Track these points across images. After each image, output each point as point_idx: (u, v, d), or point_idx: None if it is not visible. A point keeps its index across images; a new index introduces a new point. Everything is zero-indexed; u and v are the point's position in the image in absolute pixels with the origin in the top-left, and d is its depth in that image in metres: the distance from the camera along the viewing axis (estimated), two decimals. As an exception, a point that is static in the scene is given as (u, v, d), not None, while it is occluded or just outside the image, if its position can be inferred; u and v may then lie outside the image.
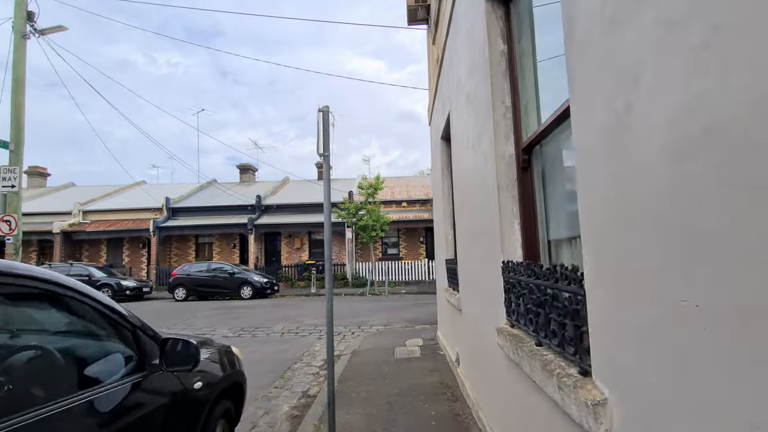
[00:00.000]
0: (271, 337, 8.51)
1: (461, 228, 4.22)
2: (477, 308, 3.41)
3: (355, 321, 9.95)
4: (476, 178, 3.16)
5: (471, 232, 3.55)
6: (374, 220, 16.42)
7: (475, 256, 3.36)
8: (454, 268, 4.84)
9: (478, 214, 3.17)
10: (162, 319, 11.19)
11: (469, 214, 3.63)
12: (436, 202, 6.59)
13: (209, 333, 9.11)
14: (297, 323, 9.92)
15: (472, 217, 3.45)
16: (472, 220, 3.45)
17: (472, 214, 3.44)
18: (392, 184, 24.30)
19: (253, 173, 27.82)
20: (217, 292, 16.02)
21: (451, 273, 5.12)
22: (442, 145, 5.68)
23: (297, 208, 21.16)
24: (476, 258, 3.33)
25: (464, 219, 3.98)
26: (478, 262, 3.27)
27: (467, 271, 3.90)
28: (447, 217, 5.59)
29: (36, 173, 27.20)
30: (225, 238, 21.59)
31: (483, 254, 3.02)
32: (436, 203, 6.60)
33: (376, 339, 7.54)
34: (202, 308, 13.39)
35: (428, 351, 6.13)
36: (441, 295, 6.20)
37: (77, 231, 20.21)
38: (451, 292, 4.89)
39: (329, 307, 3.44)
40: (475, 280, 3.49)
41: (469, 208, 3.65)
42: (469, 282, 3.82)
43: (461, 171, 3.98)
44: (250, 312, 12.24)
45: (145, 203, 21.46)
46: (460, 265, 4.34)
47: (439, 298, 6.74)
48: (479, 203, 3.08)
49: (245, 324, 10.07)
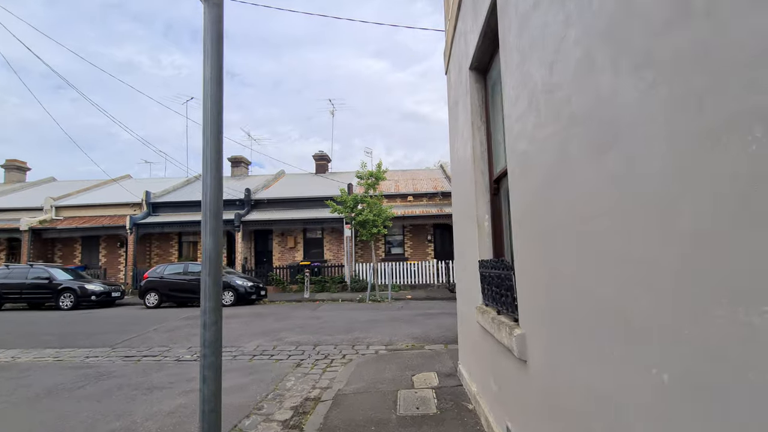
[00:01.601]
0: (236, 362, 6.45)
1: (526, 205, 2.14)
2: (585, 373, 1.39)
3: (349, 338, 7.87)
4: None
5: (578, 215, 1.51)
6: (375, 214, 14.23)
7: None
8: (500, 276, 2.74)
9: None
10: (112, 331, 9.16)
11: (569, 177, 1.59)
12: (458, 174, 4.48)
13: (161, 354, 7.08)
14: (275, 340, 7.86)
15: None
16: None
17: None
18: (397, 177, 22.20)
19: (246, 167, 25.81)
20: (196, 297, 13.96)
21: (490, 283, 3.03)
22: (471, 79, 3.58)
23: (290, 203, 19.11)
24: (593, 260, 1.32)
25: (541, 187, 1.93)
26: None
27: (548, 286, 1.83)
28: (482, 195, 3.49)
29: (14, 167, 25.36)
30: (211, 237, 19.57)
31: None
32: (458, 176, 4.48)
33: (373, 370, 5.45)
34: (171, 318, 11.35)
35: (449, 401, 4.03)
36: (468, 316, 4.08)
37: (48, 228, 18.28)
38: (495, 317, 2.80)
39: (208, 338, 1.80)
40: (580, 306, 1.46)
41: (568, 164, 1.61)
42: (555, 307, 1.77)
43: (534, 91, 1.92)
44: (224, 324, 10.08)
45: (125, 198, 19.50)
46: (522, 273, 2.25)
47: (462, 318, 4.61)
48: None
49: (211, 341, 8.01)
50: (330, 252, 18.94)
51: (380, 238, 18.65)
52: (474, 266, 3.72)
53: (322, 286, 16.83)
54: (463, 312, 4.41)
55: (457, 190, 4.68)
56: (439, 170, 24.65)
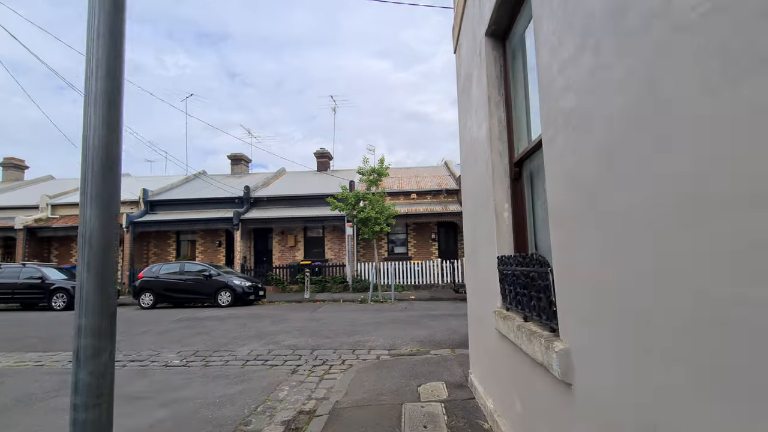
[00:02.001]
0: (228, 368, 5.98)
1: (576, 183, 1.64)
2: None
3: (350, 341, 7.39)
4: None
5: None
6: (378, 212, 13.70)
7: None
8: (529, 274, 2.24)
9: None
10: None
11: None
12: (470, 159, 3.96)
13: (149, 358, 6.63)
14: (271, 344, 7.39)
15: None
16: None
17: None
18: (400, 175, 21.70)
19: (246, 164, 25.35)
20: (192, 297, 13.52)
21: (513, 283, 2.54)
22: (487, 47, 3.09)
23: (291, 200, 18.64)
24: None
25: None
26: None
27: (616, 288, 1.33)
28: (501, 181, 2.99)
29: (11, 165, 25.00)
30: (209, 236, 19.13)
31: None
32: (470, 162, 3.96)
33: (375, 379, 4.96)
34: (164, 319, 10.90)
35: (461, 419, 3.53)
36: (482, 321, 3.58)
37: (43, 227, 17.88)
38: (522, 325, 2.31)
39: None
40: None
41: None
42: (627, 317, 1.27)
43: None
44: (219, 325, 9.72)
45: (123, 197, 19.06)
46: (565, 271, 1.75)
47: (475, 323, 4.09)
48: None
49: (204, 344, 7.55)
50: (331, 251, 18.46)
51: (383, 237, 18.16)
52: (490, 264, 3.22)
53: (322, 286, 16.35)
54: (477, 316, 3.91)
55: (468, 177, 4.17)
56: (444, 167, 24.11)
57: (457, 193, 18.47)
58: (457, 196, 18.42)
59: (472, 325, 4.27)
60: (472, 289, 4.25)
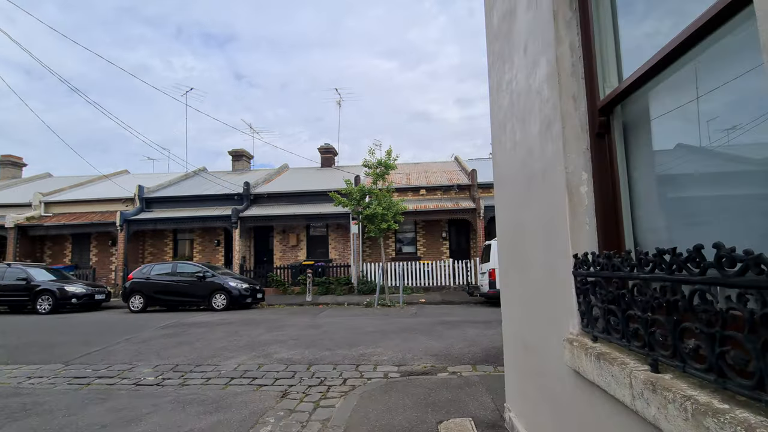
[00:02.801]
0: (206, 388, 5.00)
1: None
2: None
3: (353, 354, 6.38)
4: None
5: None
6: (385, 208, 12.64)
7: None
8: (667, 290, 1.19)
9: None
10: (77, 342, 7.74)
11: None
12: (510, 123, 2.87)
13: (120, 374, 5.68)
14: (262, 357, 6.40)
15: None
16: None
17: None
18: (408, 170, 20.66)
19: (248, 161, 24.46)
20: (185, 300, 12.59)
21: (617, 302, 1.49)
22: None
23: (293, 197, 17.68)
24: None
25: None
26: None
27: None
28: (575, 139, 1.96)
29: (8, 162, 24.36)
30: (208, 234, 18.22)
31: None
32: (510, 127, 2.88)
33: (383, 409, 3.94)
34: (150, 325, 9.96)
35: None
36: (534, 347, 2.53)
37: (35, 225, 17.10)
38: (648, 379, 1.25)
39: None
40: None
41: None
42: None
43: None
44: (208, 333, 8.75)
45: (117, 193, 18.26)
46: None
47: (519, 346, 2.99)
48: None
49: (187, 357, 6.58)
50: (335, 251, 17.47)
51: (390, 236, 17.12)
52: (550, 265, 2.20)
53: (326, 288, 15.36)
54: (524, 340, 2.85)
55: (506, 155, 3.11)
56: (454, 162, 23.00)
57: (469, 189, 17.38)
58: (470, 191, 17.32)
59: (512, 349, 3.21)
60: (511, 299, 3.20)
